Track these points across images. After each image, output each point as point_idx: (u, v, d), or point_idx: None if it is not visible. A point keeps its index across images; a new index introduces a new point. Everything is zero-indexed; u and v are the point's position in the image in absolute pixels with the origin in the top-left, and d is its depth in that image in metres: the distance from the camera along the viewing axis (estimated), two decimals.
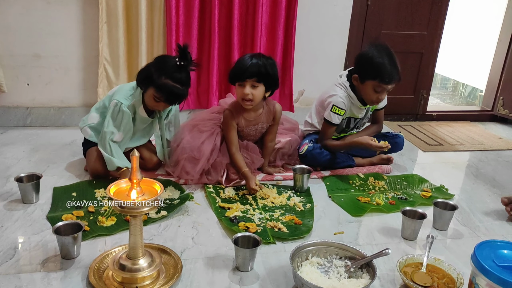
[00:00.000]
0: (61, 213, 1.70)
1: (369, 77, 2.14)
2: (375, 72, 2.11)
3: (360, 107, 2.29)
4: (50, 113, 2.76)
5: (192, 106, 2.89)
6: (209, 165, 2.05)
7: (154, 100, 1.93)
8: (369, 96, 2.19)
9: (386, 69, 2.09)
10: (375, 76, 2.11)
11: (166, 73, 1.88)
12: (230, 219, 1.74)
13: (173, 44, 2.67)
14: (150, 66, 1.94)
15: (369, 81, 2.14)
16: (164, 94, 1.90)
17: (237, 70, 1.99)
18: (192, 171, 2.03)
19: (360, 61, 2.20)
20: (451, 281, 1.39)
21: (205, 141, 2.09)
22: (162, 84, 1.87)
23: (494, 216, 1.96)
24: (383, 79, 2.11)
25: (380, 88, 2.14)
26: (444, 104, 4.43)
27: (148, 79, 1.91)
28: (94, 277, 1.34)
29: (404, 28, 3.22)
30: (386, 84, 2.12)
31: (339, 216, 1.87)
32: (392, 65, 2.10)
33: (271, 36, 2.87)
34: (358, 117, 2.34)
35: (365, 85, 2.17)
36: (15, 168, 2.12)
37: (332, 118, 2.22)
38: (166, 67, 1.89)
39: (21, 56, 2.62)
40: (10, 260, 1.42)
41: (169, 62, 1.90)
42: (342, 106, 2.21)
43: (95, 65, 2.68)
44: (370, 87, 2.15)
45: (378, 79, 2.11)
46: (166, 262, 1.44)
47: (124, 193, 1.27)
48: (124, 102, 1.95)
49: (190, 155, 2.04)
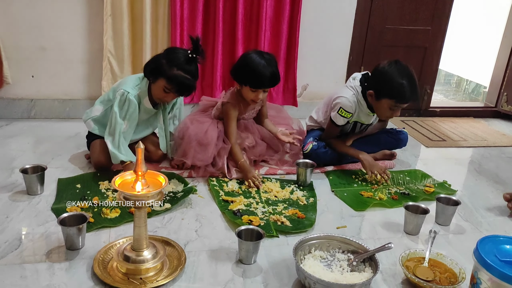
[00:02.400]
0: (66, 205, 1.71)
1: (386, 96, 2.06)
2: (394, 93, 2.03)
3: (369, 114, 2.24)
4: (54, 105, 2.77)
5: (196, 100, 2.89)
6: (217, 150, 2.08)
7: (164, 91, 1.94)
8: (383, 113, 2.14)
9: (406, 91, 2.01)
10: (393, 96, 2.04)
11: (177, 65, 1.89)
12: (233, 212, 1.75)
13: (177, 38, 2.67)
14: (160, 57, 1.94)
15: (385, 99, 2.06)
16: (175, 85, 1.91)
17: (258, 79, 2.01)
18: (204, 155, 2.05)
19: (379, 78, 2.09)
20: (453, 276, 1.40)
21: (209, 128, 2.12)
22: (174, 75, 1.88)
23: (496, 212, 1.96)
24: (401, 100, 2.05)
25: (397, 107, 2.08)
26: (448, 100, 4.42)
27: (158, 70, 1.91)
28: (99, 268, 1.35)
29: (408, 23, 3.21)
30: (402, 104, 2.07)
31: (342, 210, 1.88)
32: (412, 87, 2.03)
33: (275, 31, 2.87)
34: (365, 123, 2.31)
35: (381, 103, 2.09)
36: (20, 159, 2.13)
37: (337, 119, 2.20)
38: (177, 58, 1.90)
39: (26, 49, 2.62)
40: (16, 250, 1.44)
41: (180, 54, 1.91)
42: (350, 109, 2.16)
43: (100, 58, 2.68)
44: (385, 105, 2.08)
45: (395, 99, 2.05)
46: (170, 254, 1.46)
47: (129, 185, 1.28)
48: (131, 91, 1.95)
49: (198, 142, 2.06)
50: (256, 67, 1.99)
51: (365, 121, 2.29)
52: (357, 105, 2.19)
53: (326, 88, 2.97)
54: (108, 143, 1.95)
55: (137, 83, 2.00)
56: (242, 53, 2.80)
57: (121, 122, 1.95)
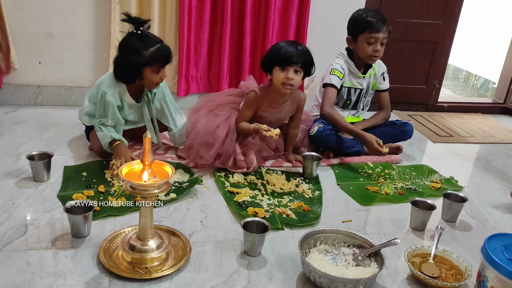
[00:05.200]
0: (72, 192, 1.72)
1: (359, 32, 2.24)
2: (363, 25, 2.22)
3: (359, 75, 2.35)
4: (61, 92, 2.77)
5: (203, 90, 2.89)
6: (223, 148, 2.04)
7: (156, 73, 1.90)
8: (365, 52, 2.25)
9: (372, 19, 2.20)
10: (364, 29, 2.22)
11: (141, 48, 1.85)
12: (238, 204, 1.75)
13: (185, 26, 2.65)
14: (124, 58, 1.88)
15: (360, 36, 2.24)
16: (159, 60, 1.88)
17: (284, 54, 1.96)
18: (206, 155, 2.02)
19: (349, 24, 2.32)
20: (459, 273, 1.40)
21: (220, 125, 2.08)
22: (150, 56, 1.85)
23: (503, 209, 1.95)
24: (372, 28, 2.20)
25: (372, 38, 2.22)
26: (456, 96, 4.39)
27: (136, 66, 1.87)
28: (105, 256, 1.35)
29: (418, 16, 3.17)
30: (376, 32, 2.21)
31: (347, 204, 1.87)
32: (377, 15, 2.22)
33: (284, 21, 2.84)
34: (357, 86, 2.38)
35: (359, 43, 2.26)
36: (26, 146, 2.13)
37: (332, 79, 2.29)
38: (135, 44, 1.85)
39: (34, 34, 2.61)
40: (22, 236, 1.44)
41: (135, 39, 1.86)
42: (340, 69, 2.31)
43: (107, 45, 2.67)
44: (363, 42, 2.24)
45: (367, 30, 2.21)
46: (175, 244, 1.46)
47: (136, 175, 1.28)
48: (108, 91, 1.92)
49: (204, 140, 2.04)
50: (282, 44, 2.00)
51: (357, 84, 2.39)
52: (346, 66, 2.35)
53: None
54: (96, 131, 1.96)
55: (115, 81, 1.95)
56: (250, 42, 2.80)
57: (104, 119, 1.95)
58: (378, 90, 2.49)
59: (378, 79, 2.45)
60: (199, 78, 2.86)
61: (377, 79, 2.45)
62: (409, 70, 3.31)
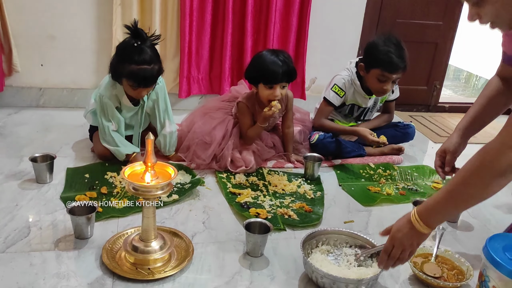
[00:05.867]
0: (75, 194, 1.72)
1: (373, 66, 2.11)
2: (379, 60, 2.08)
3: (365, 96, 2.28)
4: (63, 94, 2.78)
5: (204, 91, 2.89)
6: (220, 150, 2.06)
7: (132, 89, 1.88)
8: (374, 85, 2.17)
9: (391, 58, 2.05)
10: (378, 64, 2.09)
11: (128, 60, 1.81)
12: (240, 205, 1.75)
13: (186, 28, 2.66)
14: (114, 58, 1.89)
15: (373, 69, 2.12)
16: (136, 80, 1.84)
17: (269, 74, 1.95)
18: (203, 155, 2.04)
19: (367, 50, 2.18)
20: (460, 273, 1.40)
21: (217, 126, 2.11)
22: (129, 72, 1.82)
23: (504, 209, 1.95)
24: (386, 67, 2.07)
25: (384, 77, 2.10)
26: (457, 96, 4.39)
27: (116, 72, 1.87)
28: (107, 257, 1.36)
29: (419, 17, 3.18)
30: (389, 73, 2.09)
31: (349, 205, 1.88)
32: (398, 54, 2.06)
33: (284, 23, 2.85)
34: (362, 105, 2.33)
35: (370, 74, 2.15)
36: (29, 148, 2.14)
37: (330, 96, 2.24)
38: (125, 53, 1.83)
39: (36, 37, 2.62)
40: (25, 238, 1.45)
41: (127, 47, 1.83)
42: (342, 87, 2.23)
43: (109, 48, 2.68)
44: (374, 76, 2.13)
45: (381, 68, 2.08)
46: (177, 245, 1.46)
47: (138, 176, 1.29)
48: (105, 93, 1.93)
49: (201, 140, 2.06)
50: (266, 61, 1.96)
51: (361, 103, 2.32)
52: (351, 85, 2.26)
53: None
54: (106, 146, 1.96)
55: (112, 83, 1.95)
56: (251, 44, 2.81)
57: (108, 124, 1.95)
58: (387, 101, 2.46)
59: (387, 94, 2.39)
60: (200, 80, 2.87)
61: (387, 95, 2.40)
62: (410, 71, 3.25)
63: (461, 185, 1.09)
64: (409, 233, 1.16)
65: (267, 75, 1.97)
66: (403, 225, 1.18)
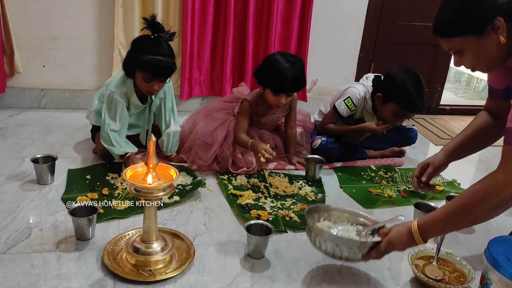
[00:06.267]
0: (76, 195, 1.73)
1: (392, 100, 2.05)
2: (400, 98, 2.02)
3: (373, 116, 2.25)
4: (64, 95, 2.78)
5: (206, 93, 2.90)
6: (222, 151, 2.06)
7: (145, 82, 1.88)
8: (388, 118, 2.11)
9: (412, 97, 2.00)
10: (399, 101, 2.03)
11: (144, 51, 1.83)
12: (242, 207, 1.75)
13: (188, 30, 2.67)
14: (128, 52, 1.91)
15: (391, 103, 2.06)
16: (150, 70, 1.83)
17: (279, 84, 1.95)
18: (205, 156, 2.04)
19: (387, 82, 2.11)
20: (462, 276, 1.40)
21: (219, 127, 2.11)
22: (144, 62, 1.82)
23: (506, 212, 1.93)
24: (407, 106, 2.03)
25: (402, 114, 2.07)
26: (458, 98, 4.39)
27: (131, 64, 1.87)
28: (109, 258, 1.36)
29: (420, 19, 3.18)
30: (408, 112, 2.06)
31: (350, 207, 1.86)
32: (419, 95, 2.02)
33: (286, 25, 2.85)
34: (366, 121, 2.30)
35: (386, 107, 2.09)
36: (30, 149, 2.14)
37: (341, 108, 2.21)
38: (142, 45, 1.85)
39: (37, 38, 2.63)
40: (26, 239, 1.45)
41: (144, 40, 1.85)
42: (356, 101, 2.19)
43: (110, 49, 2.69)
44: (390, 110, 2.07)
45: (401, 105, 2.03)
46: (178, 246, 1.46)
47: (140, 177, 1.29)
48: (115, 91, 1.93)
49: (203, 141, 2.06)
50: (278, 70, 1.93)
51: (367, 120, 2.28)
52: (364, 102, 2.21)
53: (336, 84, 2.94)
54: (103, 144, 1.96)
55: (122, 81, 1.96)
56: (253, 46, 2.82)
57: (110, 122, 1.94)
58: None
59: None
60: (202, 81, 2.87)
61: None
62: None
63: (462, 211, 1.19)
64: (407, 242, 1.28)
65: (276, 84, 1.96)
66: (402, 233, 1.28)
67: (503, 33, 1.20)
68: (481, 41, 1.23)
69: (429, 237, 1.26)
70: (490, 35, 1.21)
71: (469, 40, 1.24)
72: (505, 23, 1.19)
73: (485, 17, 1.20)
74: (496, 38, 1.21)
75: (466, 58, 1.29)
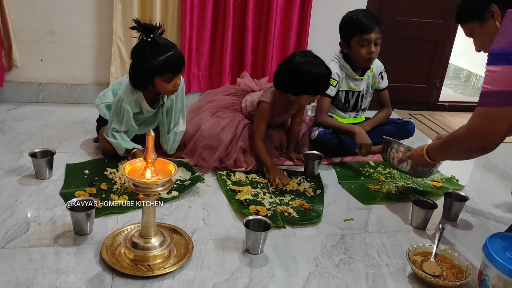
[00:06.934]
0: (74, 190, 1.72)
1: (351, 35, 2.19)
2: (354, 27, 2.17)
3: (356, 78, 2.32)
4: (62, 90, 2.77)
5: (204, 88, 2.89)
6: (228, 153, 2.03)
7: (168, 82, 1.85)
8: (360, 55, 2.22)
9: (362, 20, 2.15)
10: (355, 31, 2.17)
11: (152, 56, 1.79)
12: (240, 202, 1.75)
13: (187, 25, 2.65)
14: (135, 67, 1.86)
15: (352, 39, 2.19)
16: (169, 69, 1.81)
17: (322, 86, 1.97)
18: (209, 158, 2.00)
19: (340, 28, 2.27)
20: (460, 272, 1.40)
21: (225, 128, 2.06)
22: (159, 65, 1.79)
23: (504, 208, 1.96)
24: (363, 29, 2.15)
25: (365, 40, 2.17)
26: (457, 95, 4.39)
27: (146, 75, 1.83)
28: (107, 253, 1.35)
29: (419, 15, 3.18)
30: (368, 33, 2.16)
31: (349, 203, 1.88)
32: (367, 15, 2.17)
33: (285, 20, 2.84)
34: (355, 89, 2.36)
35: (352, 47, 2.22)
36: (28, 143, 2.14)
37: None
38: (146, 52, 1.79)
39: (35, 32, 2.62)
40: (24, 234, 1.44)
41: (144, 47, 1.79)
42: (334, 76, 2.26)
43: (109, 44, 2.67)
44: (356, 45, 2.20)
45: (358, 32, 2.16)
46: (177, 242, 1.46)
47: (139, 172, 1.28)
48: (125, 98, 1.91)
49: (207, 144, 2.02)
50: (315, 73, 1.91)
51: (355, 87, 2.36)
52: (342, 71, 2.32)
53: None
54: (109, 139, 1.96)
55: (133, 89, 1.92)
56: (252, 41, 2.80)
57: (116, 126, 1.95)
58: (377, 90, 2.49)
59: (377, 79, 2.45)
60: (200, 76, 2.87)
61: (376, 78, 2.44)
62: (410, 69, 3.31)
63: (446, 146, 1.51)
64: (421, 159, 1.67)
65: (318, 87, 1.96)
66: (418, 152, 1.68)
67: (498, 18, 1.36)
68: (483, 26, 1.42)
69: (433, 157, 1.61)
70: (489, 21, 1.39)
71: (474, 26, 1.45)
72: (499, 9, 1.35)
73: (482, 4, 1.39)
74: (494, 23, 1.37)
75: (475, 41, 1.50)
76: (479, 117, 1.35)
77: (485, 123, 1.33)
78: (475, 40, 1.49)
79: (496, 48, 1.28)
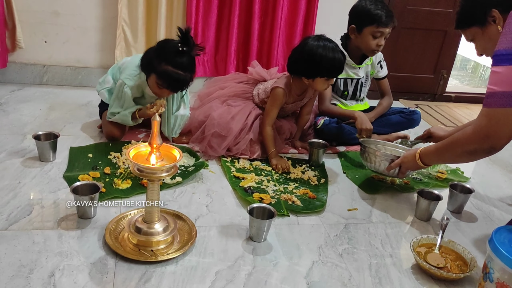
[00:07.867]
0: (78, 173, 1.72)
1: (366, 24, 2.16)
2: (372, 17, 2.14)
3: (354, 66, 2.32)
4: (66, 72, 2.75)
5: (209, 73, 2.87)
6: (236, 143, 2.01)
7: (158, 87, 1.86)
8: (368, 44, 2.20)
9: (382, 12, 2.13)
10: (372, 21, 2.14)
11: (166, 59, 1.79)
12: (244, 189, 1.74)
13: (193, 8, 2.62)
14: (151, 51, 1.86)
15: (366, 28, 2.17)
16: (166, 81, 1.82)
17: (336, 68, 1.94)
18: (218, 147, 1.98)
19: (355, 12, 2.23)
20: (464, 264, 1.40)
21: (236, 117, 2.04)
22: (163, 70, 1.80)
23: (509, 201, 1.94)
24: (381, 22, 2.13)
25: (379, 32, 2.16)
26: (463, 86, 4.36)
27: (149, 65, 1.84)
28: (110, 237, 1.35)
29: (429, 4, 3.14)
30: (384, 27, 2.15)
31: (353, 192, 1.87)
32: (385, 8, 2.15)
33: (293, 7, 2.81)
34: (353, 77, 2.35)
35: (363, 34, 2.19)
36: (32, 125, 2.13)
37: None
38: (166, 52, 1.80)
39: (40, 13, 2.59)
40: (28, 216, 1.44)
41: (170, 47, 1.80)
42: None
43: (114, 26, 2.65)
44: (368, 34, 2.18)
45: (376, 23, 2.14)
46: (180, 228, 1.46)
47: (144, 157, 1.27)
48: (128, 82, 1.90)
49: (217, 132, 2.00)
50: (329, 56, 1.90)
51: (353, 75, 2.35)
52: None
53: None
54: (112, 119, 1.96)
55: (136, 73, 1.92)
56: (258, 27, 2.77)
57: (117, 110, 1.95)
58: (376, 78, 2.47)
59: (375, 68, 2.42)
60: (205, 62, 2.84)
61: (374, 67, 2.42)
62: (418, 58, 3.28)
63: (444, 150, 1.49)
64: (413, 164, 1.65)
65: (333, 70, 1.94)
66: (410, 158, 1.66)
67: (500, 23, 1.35)
68: (485, 31, 1.42)
69: (426, 161, 1.59)
70: (491, 25, 1.39)
71: (475, 31, 1.46)
72: (500, 14, 1.34)
73: (482, 10, 1.38)
74: (496, 28, 1.37)
75: (477, 46, 1.50)
76: (486, 119, 1.32)
77: (492, 124, 1.31)
78: (476, 45, 1.50)
79: (500, 49, 1.26)
